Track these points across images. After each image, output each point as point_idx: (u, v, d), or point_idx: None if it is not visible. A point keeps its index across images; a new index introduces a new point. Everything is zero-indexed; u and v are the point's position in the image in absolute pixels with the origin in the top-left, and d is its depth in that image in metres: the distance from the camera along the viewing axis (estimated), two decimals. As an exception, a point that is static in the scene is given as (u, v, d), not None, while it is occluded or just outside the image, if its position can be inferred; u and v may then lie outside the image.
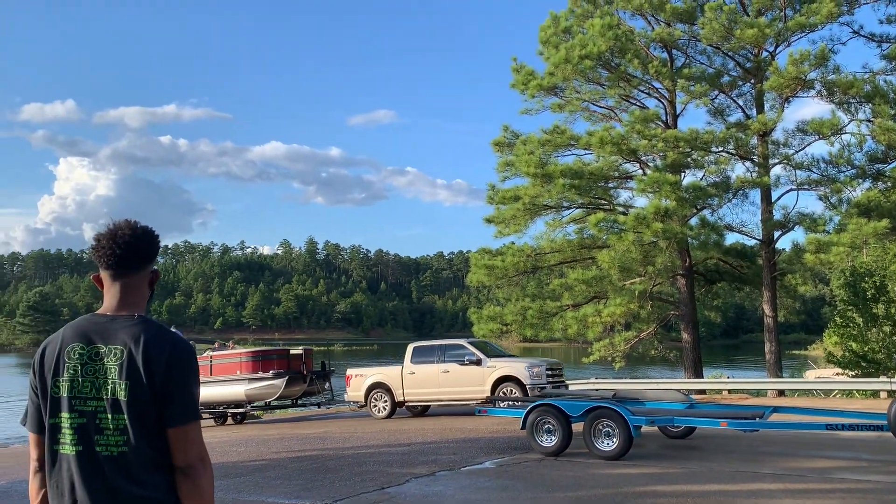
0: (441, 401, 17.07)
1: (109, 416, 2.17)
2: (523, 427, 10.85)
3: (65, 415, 2.20)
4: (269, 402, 18.88)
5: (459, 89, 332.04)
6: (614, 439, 10.09)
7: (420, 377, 17.02)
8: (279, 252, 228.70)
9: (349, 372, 19.06)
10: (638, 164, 23.61)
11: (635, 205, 23.52)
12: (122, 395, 2.16)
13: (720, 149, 22.71)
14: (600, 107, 24.92)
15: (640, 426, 10.20)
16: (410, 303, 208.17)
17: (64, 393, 2.21)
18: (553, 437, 10.59)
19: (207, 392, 17.62)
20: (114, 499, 2.14)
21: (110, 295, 2.32)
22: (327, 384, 19.77)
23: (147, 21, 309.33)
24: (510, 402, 13.76)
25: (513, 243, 24.36)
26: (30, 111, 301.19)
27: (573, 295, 22.33)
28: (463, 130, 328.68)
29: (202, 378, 15.52)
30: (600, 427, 10.24)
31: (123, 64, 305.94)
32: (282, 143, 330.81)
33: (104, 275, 2.34)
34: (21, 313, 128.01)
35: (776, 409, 10.93)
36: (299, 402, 20.17)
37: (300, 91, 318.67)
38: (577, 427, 10.63)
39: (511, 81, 24.71)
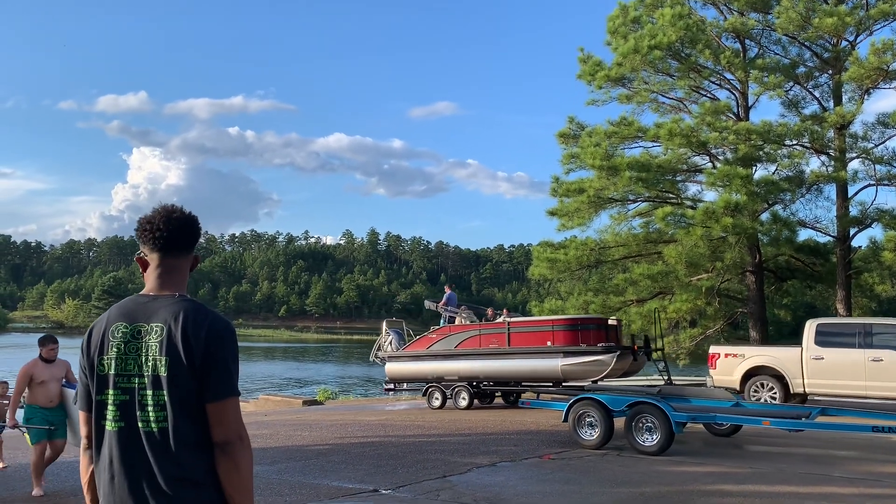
0: (867, 398, 13.41)
1: (150, 392, 2.22)
2: (565, 420, 10.97)
3: (110, 392, 2.28)
4: (595, 381, 14.41)
5: (522, 81, 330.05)
6: (655, 435, 10.12)
7: (832, 365, 13.65)
8: (342, 242, 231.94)
9: (715, 350, 15.56)
10: (707, 157, 23.02)
11: (704, 199, 22.93)
12: (162, 372, 2.21)
13: (794, 142, 21.93)
14: (669, 98, 24.38)
15: (682, 422, 10.16)
16: (470, 295, 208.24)
17: (109, 370, 2.29)
18: (594, 431, 10.70)
19: (504, 366, 14.95)
20: (150, 476, 2.19)
21: (154, 276, 2.40)
22: (662, 363, 15.58)
23: (215, 14, 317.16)
24: (553, 395, 13.73)
25: (575, 237, 24.11)
26: (105, 102, 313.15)
27: (638, 290, 21.95)
28: (525, 122, 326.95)
29: (497, 349, 14.65)
30: (642, 422, 10.29)
31: (192, 56, 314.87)
32: (345, 134, 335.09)
33: (151, 257, 2.41)
34: (96, 297, 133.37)
35: (824, 410, 10.57)
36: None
37: (363, 83, 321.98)
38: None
39: (577, 72, 24.38)
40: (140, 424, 2.22)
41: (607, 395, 10.99)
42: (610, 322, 15.69)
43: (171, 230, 2.38)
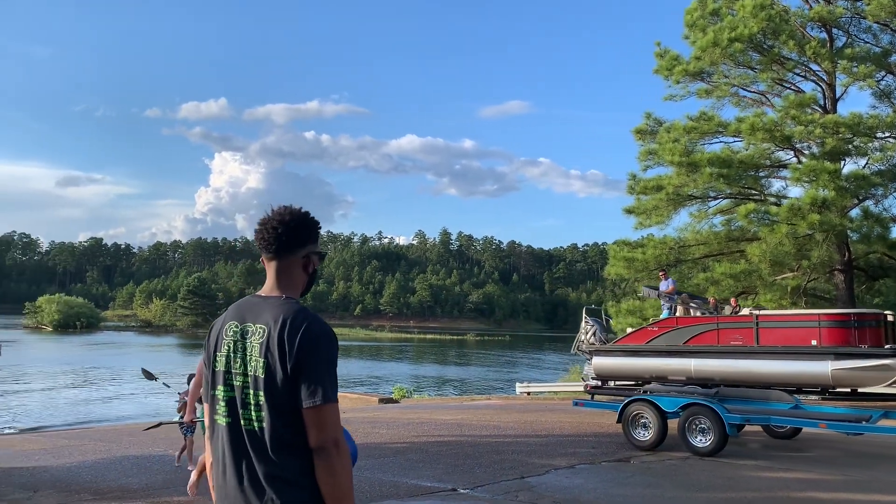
0: None
1: (251, 391, 2.27)
2: (619, 420, 11.05)
3: (220, 388, 2.36)
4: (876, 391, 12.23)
5: (594, 77, 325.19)
6: (709, 436, 10.11)
7: None
8: (414, 242, 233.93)
9: None
10: (792, 152, 22.16)
11: (789, 195, 22.10)
12: (260, 373, 2.26)
13: (887, 134, 20.90)
14: (751, 91, 23.60)
15: (736, 424, 10.10)
16: (543, 295, 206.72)
17: (220, 367, 2.37)
18: (648, 432, 10.73)
19: (751, 368, 12.75)
20: (252, 472, 2.25)
21: (267, 277, 2.46)
22: None
23: (290, 21, 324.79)
24: (609, 396, 13.51)
25: (652, 235, 23.61)
26: (187, 109, 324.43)
27: (719, 290, 21.30)
28: (598, 120, 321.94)
29: (742, 347, 12.63)
30: (695, 423, 10.28)
31: (269, 63, 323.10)
32: (417, 136, 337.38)
33: (266, 258, 2.48)
34: (182, 297, 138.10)
35: (887, 414, 10.04)
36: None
37: (434, 84, 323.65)
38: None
39: (654, 67, 23.89)
40: (242, 422, 2.28)
41: (661, 397, 11.05)
42: (889, 318, 13.26)
43: (270, 231, 2.42)
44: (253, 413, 2.27)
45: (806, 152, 21.51)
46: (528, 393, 24.13)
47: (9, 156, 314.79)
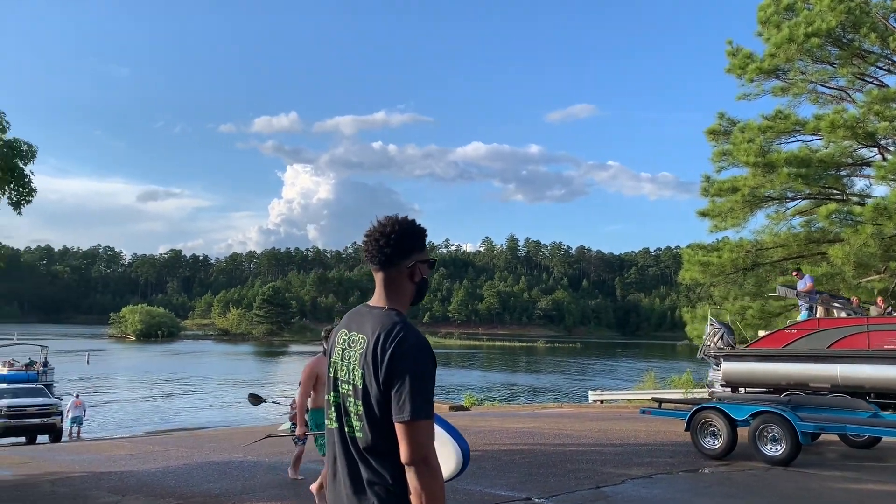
0: None
1: (352, 400, 2.32)
2: (687, 429, 10.88)
3: (331, 393, 2.42)
4: None
5: (663, 78, 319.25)
6: (781, 445, 9.86)
7: None
8: (481, 249, 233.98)
9: None
10: (876, 149, 21.20)
11: (873, 194, 21.15)
12: (358, 383, 2.30)
13: (981, 128, 19.76)
14: (829, 88, 22.70)
15: (810, 433, 9.78)
16: (614, 301, 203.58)
17: (332, 373, 2.44)
18: (717, 441, 10.52)
19: (862, 373, 12.08)
20: (355, 477, 2.31)
21: (376, 288, 2.46)
22: None
23: (355, 34, 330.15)
24: (676, 404, 13.12)
25: (728, 238, 22.94)
26: (260, 124, 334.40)
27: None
28: (668, 120, 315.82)
29: (856, 351, 12.04)
30: (766, 431, 10.03)
31: (336, 76, 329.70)
32: (482, 143, 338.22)
33: (373, 269, 2.47)
34: (257, 306, 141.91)
35: None
36: None
37: (499, 91, 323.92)
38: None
39: (726, 66, 23.26)
40: (346, 428, 2.34)
41: (730, 405, 10.78)
42: None
43: (371, 243, 2.42)
44: (354, 421, 2.32)
45: (891, 149, 20.56)
46: (601, 401, 23.80)
47: (93, 173, 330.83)
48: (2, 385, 24.78)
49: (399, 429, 2.19)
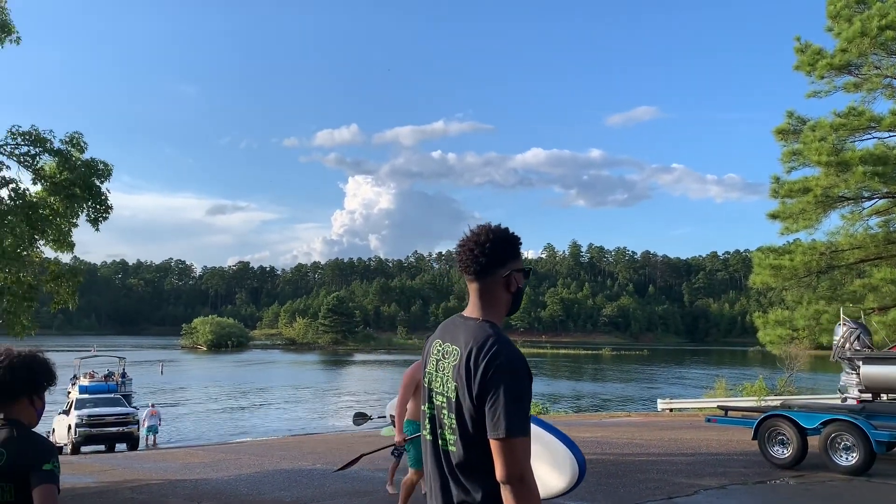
0: None
1: (446, 412, 2.27)
2: (755, 437, 10.65)
3: (426, 404, 2.39)
4: None
5: (727, 77, 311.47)
6: (854, 454, 9.54)
7: None
8: (543, 256, 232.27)
9: None
10: (960, 145, 20.19)
11: (957, 192, 20.11)
12: (451, 395, 2.25)
13: None
14: (906, 82, 21.73)
15: (885, 442, 9.40)
16: (682, 306, 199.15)
17: (426, 384, 2.41)
18: (786, 449, 10.26)
19: None
20: (445, 492, 2.27)
21: (470, 298, 2.41)
22: None
23: (413, 44, 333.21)
24: (743, 412, 12.71)
25: (800, 240, 22.15)
26: (322, 137, 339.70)
27: (879, 297, 19.69)
28: (734, 120, 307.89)
29: None
30: (838, 440, 9.73)
31: (395, 87, 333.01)
32: (542, 148, 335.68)
33: (467, 279, 2.41)
34: (322, 315, 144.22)
35: None
36: None
37: (557, 96, 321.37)
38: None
39: (794, 63, 22.51)
40: (440, 442, 2.30)
41: (799, 412, 10.51)
42: None
43: (463, 252, 2.36)
44: (448, 434, 2.27)
45: (975, 143, 19.55)
46: (671, 409, 23.28)
47: (164, 188, 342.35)
48: (83, 395, 25.81)
49: (494, 446, 2.12)
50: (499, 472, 2.11)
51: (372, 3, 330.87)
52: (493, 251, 2.33)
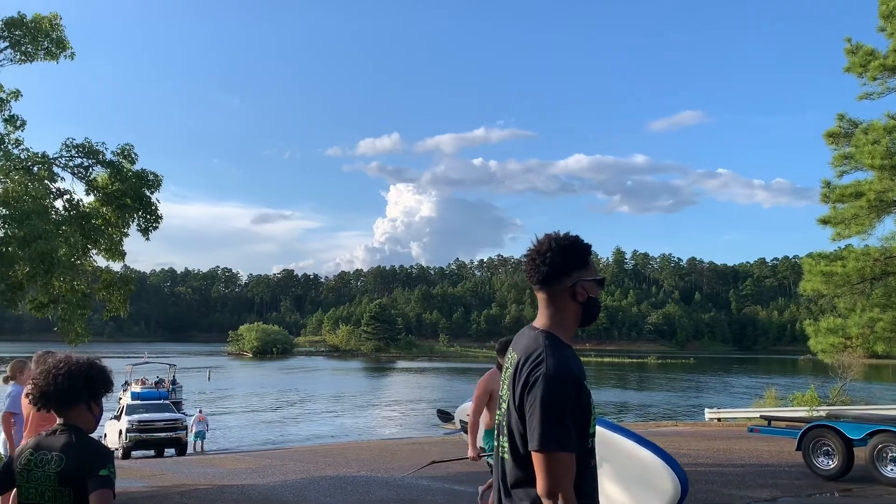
0: None
1: (505, 421, 2.30)
2: (798, 448, 10.50)
3: (499, 411, 2.41)
4: None
5: (773, 79, 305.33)
6: None
7: None
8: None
9: None
10: None
11: None
12: (507, 404, 2.28)
13: None
14: (964, 81, 21.02)
15: None
16: (729, 314, 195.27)
17: (501, 392, 2.43)
18: (832, 461, 10.09)
19: None
20: (499, 500, 2.30)
21: (539, 307, 2.40)
22: None
23: (451, 53, 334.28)
24: (788, 422, 12.40)
25: (852, 246, 21.55)
26: (364, 146, 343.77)
27: (937, 304, 19.04)
28: (781, 124, 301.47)
29: None
30: (886, 452, 9.56)
31: (435, 95, 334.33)
32: (584, 154, 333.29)
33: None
34: (365, 323, 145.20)
35: None
36: None
37: (599, 102, 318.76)
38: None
39: (844, 65, 21.94)
40: (500, 448, 2.34)
41: (845, 423, 10.32)
42: None
43: (529, 263, 2.36)
44: (504, 442, 2.29)
45: None
46: (719, 419, 22.82)
47: (211, 198, 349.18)
48: (134, 402, 26.41)
49: (533, 457, 2.11)
50: (538, 486, 2.09)
51: (412, 12, 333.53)
52: (555, 260, 2.30)
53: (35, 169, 14.35)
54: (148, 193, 14.75)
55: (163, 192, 15.21)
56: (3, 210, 13.70)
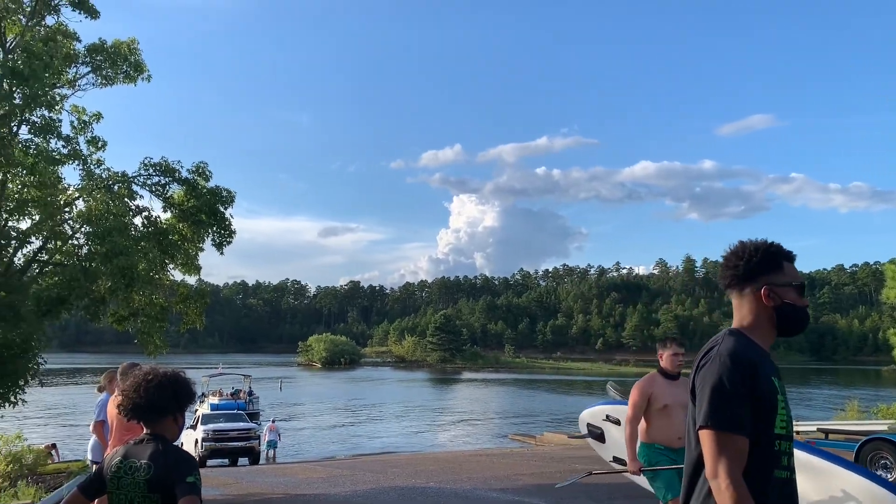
0: None
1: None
2: (855, 461, 10.17)
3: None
4: None
5: (848, 80, 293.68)
6: None
7: None
8: (655, 272, 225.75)
9: None
10: None
11: None
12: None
13: None
14: None
15: None
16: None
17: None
18: (890, 474, 9.91)
19: None
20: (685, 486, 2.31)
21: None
22: None
23: (510, 64, 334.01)
24: (846, 435, 11.88)
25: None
26: (427, 158, 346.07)
27: None
28: (856, 125, 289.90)
29: None
30: None
31: (496, 105, 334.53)
32: (651, 161, 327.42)
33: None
34: (430, 333, 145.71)
35: None
36: None
37: (664, 108, 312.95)
38: None
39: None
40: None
41: None
42: None
43: (721, 268, 2.41)
44: (689, 437, 2.31)
45: None
46: (798, 432, 22.01)
47: (280, 213, 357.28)
48: (208, 412, 27.18)
49: (700, 438, 2.14)
50: (705, 467, 2.11)
51: (472, 24, 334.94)
52: (744, 264, 2.34)
53: (116, 187, 15.02)
54: (222, 209, 15.23)
55: (234, 208, 15.66)
56: (87, 227, 14.37)
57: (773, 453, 2.14)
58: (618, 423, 6.33)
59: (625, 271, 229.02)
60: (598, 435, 7.19)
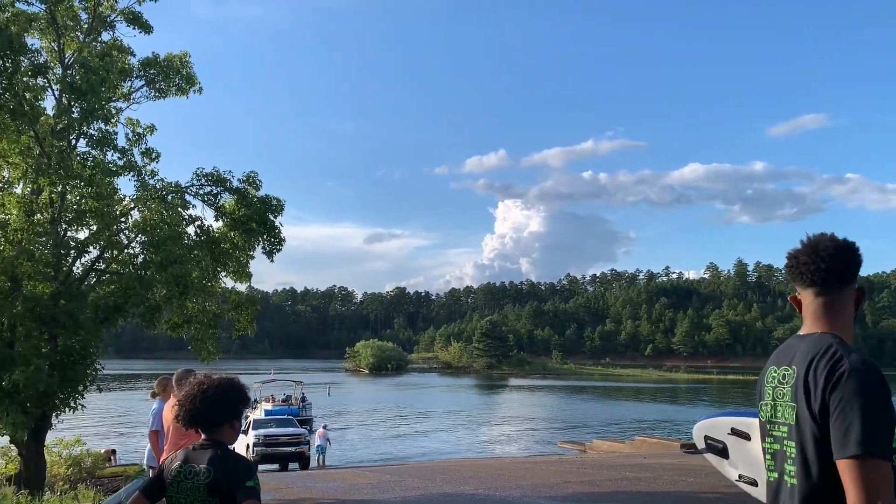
0: None
1: (786, 442, 2.08)
2: None
3: (767, 439, 2.20)
4: None
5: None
6: None
7: None
8: (706, 276, 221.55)
9: None
10: None
11: None
12: (791, 420, 2.05)
13: None
14: None
15: None
16: (864, 328, 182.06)
17: (763, 417, 2.22)
18: None
19: None
20: None
21: (807, 314, 2.17)
22: None
23: (555, 67, 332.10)
24: None
25: None
26: (471, 164, 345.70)
27: None
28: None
29: None
30: None
31: (541, 110, 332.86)
32: (700, 163, 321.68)
33: (804, 294, 2.18)
34: (476, 339, 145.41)
35: None
36: None
37: (713, 108, 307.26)
38: None
39: None
40: (786, 477, 2.09)
41: None
42: None
43: (827, 260, 2.12)
44: (788, 467, 2.07)
45: None
46: None
47: (326, 220, 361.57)
48: (260, 417, 27.60)
49: (843, 469, 1.86)
50: (848, 499, 1.83)
51: (514, 29, 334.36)
52: (851, 261, 2.14)
53: (169, 197, 15.38)
54: (272, 218, 15.46)
55: (283, 216, 15.90)
56: (142, 237, 14.75)
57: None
58: (748, 437, 6.06)
59: (674, 276, 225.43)
60: (720, 450, 6.96)
